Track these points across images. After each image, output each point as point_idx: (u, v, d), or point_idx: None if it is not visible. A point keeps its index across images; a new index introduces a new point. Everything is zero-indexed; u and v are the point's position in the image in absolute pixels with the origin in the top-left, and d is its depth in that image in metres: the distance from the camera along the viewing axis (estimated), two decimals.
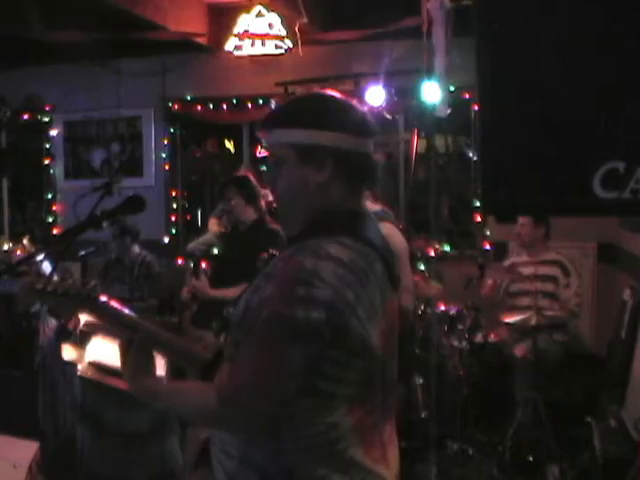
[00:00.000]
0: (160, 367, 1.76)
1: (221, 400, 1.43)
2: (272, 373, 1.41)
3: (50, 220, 7.16)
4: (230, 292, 3.74)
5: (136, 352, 1.64)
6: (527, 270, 4.84)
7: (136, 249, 5.32)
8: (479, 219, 5.91)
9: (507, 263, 5.09)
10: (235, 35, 5.96)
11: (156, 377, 1.64)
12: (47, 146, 7.16)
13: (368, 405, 1.52)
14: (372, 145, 1.58)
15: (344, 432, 1.47)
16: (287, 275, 1.42)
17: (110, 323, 1.75)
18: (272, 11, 6.02)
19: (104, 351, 3.17)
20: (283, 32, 6.06)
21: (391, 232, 2.91)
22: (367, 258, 1.50)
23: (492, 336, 4.79)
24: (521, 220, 4.74)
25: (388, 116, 6.02)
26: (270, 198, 5.96)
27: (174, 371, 1.76)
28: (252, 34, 5.93)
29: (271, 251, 2.73)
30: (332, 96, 1.62)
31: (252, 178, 4.30)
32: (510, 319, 4.39)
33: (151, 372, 1.64)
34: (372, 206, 3.03)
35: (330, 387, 1.44)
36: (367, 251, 1.51)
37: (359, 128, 1.55)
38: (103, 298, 1.75)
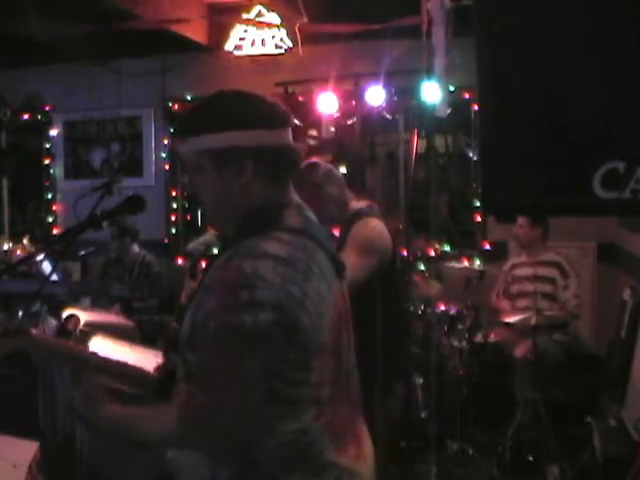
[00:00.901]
0: (150, 364, 1.76)
1: (182, 421, 1.39)
2: (230, 386, 1.36)
3: (50, 220, 7.15)
4: None
5: (86, 383, 1.57)
6: (526, 271, 4.84)
7: (135, 249, 5.32)
8: (479, 219, 5.90)
9: (508, 265, 5.09)
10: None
11: (112, 405, 1.55)
12: (47, 146, 7.16)
13: (335, 403, 1.48)
14: (289, 134, 1.52)
15: (315, 436, 1.43)
16: (227, 282, 1.37)
17: (50, 354, 1.72)
18: (272, 11, 6.02)
19: (104, 351, 3.17)
20: (283, 32, 6.06)
21: (378, 227, 2.87)
22: (306, 250, 1.44)
23: (492, 336, 4.79)
24: (519, 220, 4.74)
25: (388, 116, 6.02)
26: None
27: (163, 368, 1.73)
28: (257, 22, 5.89)
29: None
30: (237, 93, 1.57)
31: None
32: (510, 319, 4.40)
33: (105, 401, 1.55)
34: (356, 204, 2.99)
35: (291, 391, 1.40)
36: (304, 242, 1.46)
37: (271, 121, 1.49)
38: (34, 331, 1.72)
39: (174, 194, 6.90)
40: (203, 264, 6.03)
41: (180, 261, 6.55)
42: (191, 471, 1.51)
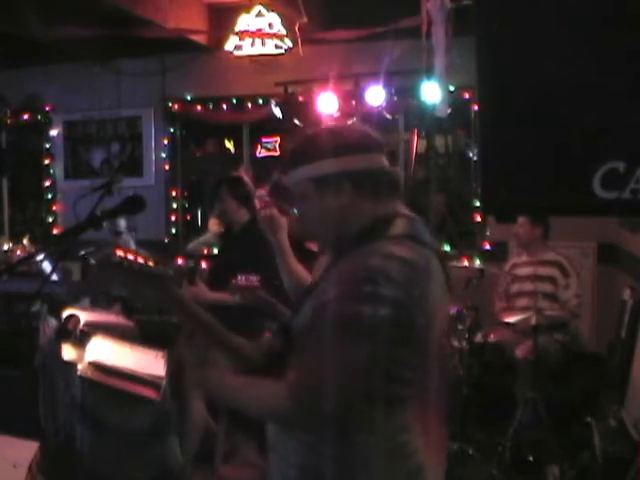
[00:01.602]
0: (160, 367, 1.77)
1: (292, 398, 1.44)
2: (341, 372, 1.42)
3: (50, 220, 7.16)
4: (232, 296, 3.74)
5: (199, 344, 1.68)
6: (526, 270, 4.84)
7: (132, 244, 5.33)
8: (479, 219, 5.90)
9: (508, 265, 5.09)
10: (236, 33, 5.95)
11: (219, 370, 1.65)
12: (47, 146, 7.16)
13: (431, 406, 1.54)
14: (382, 157, 1.65)
15: (411, 435, 1.49)
16: (353, 275, 1.46)
17: (174, 307, 1.77)
18: (272, 11, 6.02)
19: (104, 351, 3.17)
20: (283, 32, 6.06)
21: None
22: (425, 255, 1.54)
23: (492, 336, 4.79)
24: (519, 220, 4.74)
25: (388, 116, 6.02)
26: (267, 199, 5.96)
27: (172, 373, 1.76)
28: (252, 32, 5.92)
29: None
30: (332, 126, 1.77)
31: (245, 178, 4.28)
32: (510, 319, 4.40)
33: (213, 364, 1.67)
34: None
35: (397, 388, 1.46)
36: (424, 251, 1.55)
37: (363, 146, 1.61)
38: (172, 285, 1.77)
39: (174, 194, 6.91)
40: (203, 264, 6.05)
41: (180, 261, 6.55)
42: (285, 458, 1.58)
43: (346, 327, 1.41)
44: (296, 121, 6.04)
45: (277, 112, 5.89)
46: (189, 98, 6.67)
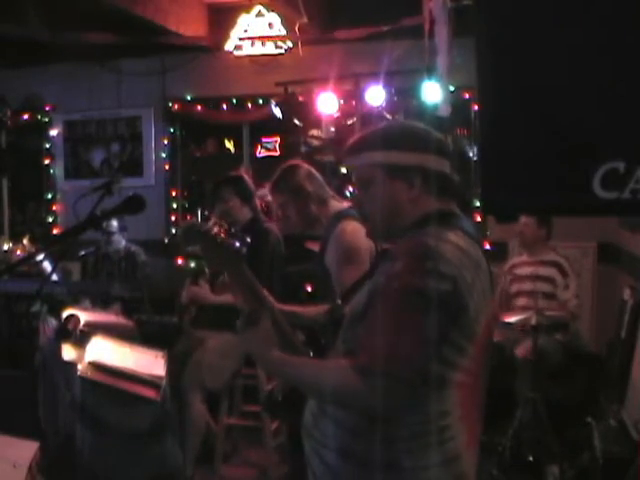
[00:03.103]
0: (160, 367, 1.77)
1: (362, 372, 1.44)
2: (410, 340, 1.43)
3: (50, 220, 7.15)
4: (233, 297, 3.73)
5: (264, 325, 1.70)
6: (526, 270, 4.84)
7: (122, 242, 5.34)
8: (479, 219, 5.90)
9: (507, 265, 5.09)
10: (240, 39, 5.96)
11: (284, 352, 1.67)
12: (47, 146, 7.16)
13: (472, 396, 1.56)
14: (449, 165, 1.70)
15: (452, 421, 1.51)
16: (413, 252, 1.51)
17: (241, 289, 1.85)
18: (272, 11, 6.02)
19: (104, 351, 3.17)
20: (283, 32, 6.06)
21: (355, 229, 2.86)
22: (475, 250, 1.58)
23: None
24: (524, 219, 4.74)
25: (388, 116, 6.01)
26: (268, 198, 5.92)
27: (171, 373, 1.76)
28: (252, 37, 5.93)
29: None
30: (412, 123, 1.77)
31: (246, 177, 4.27)
32: (510, 319, 4.40)
33: (276, 345, 1.67)
34: (337, 205, 3.01)
35: (446, 370, 1.48)
36: (473, 243, 1.59)
37: (439, 150, 1.67)
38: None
39: (174, 194, 6.91)
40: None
41: (180, 261, 6.55)
42: (323, 443, 1.59)
43: (411, 298, 1.45)
44: (296, 121, 6.05)
45: (277, 112, 5.89)
46: (189, 98, 6.67)
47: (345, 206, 2.99)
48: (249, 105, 6.50)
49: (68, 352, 3.21)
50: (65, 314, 3.29)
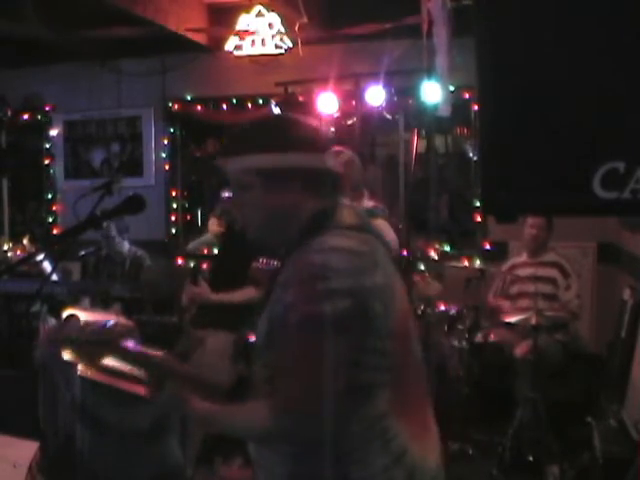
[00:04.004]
0: None
1: (275, 412, 1.43)
2: (318, 373, 1.41)
3: (50, 220, 7.15)
4: (236, 296, 3.75)
5: (171, 386, 1.65)
6: (527, 271, 4.84)
7: (126, 245, 5.34)
8: (479, 219, 5.90)
9: (507, 265, 5.09)
10: (236, 33, 5.95)
11: (201, 402, 1.59)
12: (47, 146, 7.15)
13: (405, 388, 1.54)
14: (330, 156, 1.62)
15: (390, 420, 1.49)
16: (302, 276, 1.44)
17: (134, 365, 1.79)
18: (272, 11, 6.02)
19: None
20: (283, 32, 6.05)
21: (383, 228, 2.93)
22: (369, 243, 1.53)
23: (492, 336, 4.79)
24: (532, 221, 4.75)
25: (388, 116, 6.02)
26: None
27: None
28: (253, 32, 5.92)
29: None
30: (285, 117, 1.67)
31: None
32: (510, 319, 4.40)
33: (194, 399, 1.59)
34: (367, 203, 3.07)
35: (369, 376, 1.46)
36: (367, 237, 1.54)
37: (314, 145, 1.59)
38: (126, 343, 1.82)
39: (174, 194, 6.90)
40: (204, 266, 6.04)
41: (180, 261, 6.55)
42: (271, 472, 1.56)
43: (311, 328, 1.41)
44: None
45: (277, 112, 5.89)
46: (189, 98, 6.67)
47: (371, 205, 3.05)
48: (249, 105, 6.50)
49: (68, 352, 3.20)
50: (65, 314, 3.28)
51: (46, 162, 7.16)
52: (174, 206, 6.90)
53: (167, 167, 6.87)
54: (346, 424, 1.45)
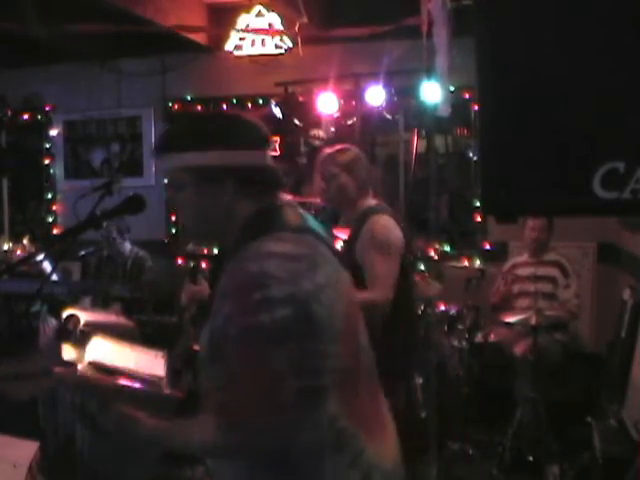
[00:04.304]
0: (160, 368, 1.76)
1: (222, 428, 1.40)
2: (262, 386, 1.38)
3: (50, 220, 7.15)
4: None
5: (116, 408, 1.56)
6: (527, 271, 4.84)
7: (128, 245, 5.34)
8: (479, 219, 5.90)
9: (508, 265, 5.09)
10: (238, 30, 5.95)
11: (147, 421, 1.52)
12: (47, 146, 7.16)
13: (357, 388, 1.51)
14: (269, 154, 1.57)
15: (343, 422, 1.45)
16: (239, 286, 1.40)
17: (74, 388, 1.74)
18: (272, 11, 6.02)
19: (104, 351, 3.17)
20: (283, 32, 6.05)
21: (388, 224, 2.93)
22: (309, 244, 1.49)
23: (492, 336, 4.79)
24: (533, 224, 4.75)
25: (388, 116, 6.02)
26: None
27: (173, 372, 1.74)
28: (254, 29, 5.92)
29: None
30: (221, 113, 1.64)
31: None
32: (510, 319, 4.40)
33: (140, 418, 1.52)
34: (371, 201, 3.07)
35: (316, 381, 1.42)
36: (306, 237, 1.50)
37: (252, 142, 1.54)
38: (58, 370, 1.77)
39: None
40: (204, 265, 6.04)
41: (180, 261, 6.55)
42: None
43: (251, 341, 1.37)
44: (296, 121, 6.05)
45: (277, 112, 5.89)
46: (189, 98, 6.67)
47: (374, 202, 3.06)
48: (249, 105, 6.50)
49: (68, 352, 3.20)
50: (65, 314, 3.28)
51: (46, 162, 7.16)
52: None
53: None
54: (297, 431, 1.42)
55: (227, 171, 1.50)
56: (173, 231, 6.89)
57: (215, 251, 5.88)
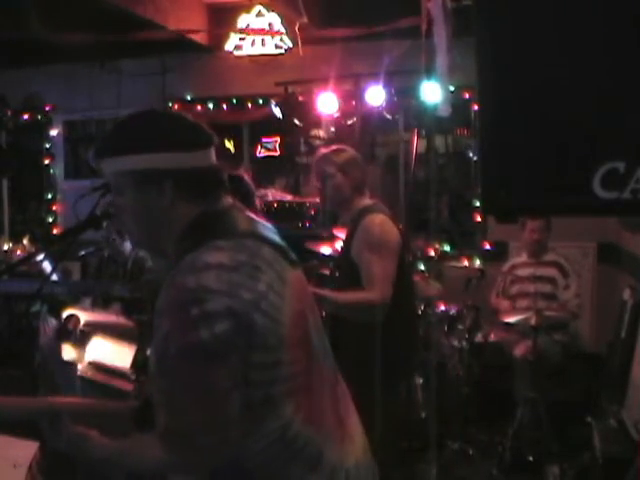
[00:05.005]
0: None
1: (167, 448, 1.38)
2: (205, 403, 1.35)
3: (50, 220, 7.16)
4: None
5: (65, 428, 1.50)
6: (527, 271, 4.84)
7: (128, 246, 5.34)
8: (479, 219, 5.91)
9: (507, 266, 5.09)
10: (238, 30, 5.95)
11: (100, 441, 1.48)
12: (47, 146, 7.16)
13: (312, 392, 1.48)
14: (211, 154, 1.52)
15: (297, 429, 1.42)
16: (175, 302, 1.36)
17: (19, 415, 1.69)
18: (272, 11, 6.02)
19: (104, 351, 3.17)
20: (283, 32, 6.06)
21: (384, 223, 2.92)
22: (248, 250, 1.43)
23: (492, 336, 4.79)
24: (532, 225, 4.75)
25: (388, 116, 6.02)
26: (270, 198, 5.92)
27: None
28: (254, 29, 5.92)
29: None
30: (159, 114, 1.58)
31: (246, 177, 4.28)
32: (510, 319, 4.40)
33: (92, 438, 1.48)
34: (367, 200, 3.06)
35: (264, 391, 1.38)
36: (245, 243, 1.44)
37: (191, 142, 1.48)
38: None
39: None
40: None
41: None
42: None
43: (192, 358, 1.33)
44: (296, 121, 6.05)
45: (277, 112, 5.89)
46: (189, 98, 6.67)
47: (370, 202, 3.05)
48: (249, 105, 6.50)
49: (68, 352, 3.21)
50: (65, 314, 3.29)
51: (46, 162, 7.16)
52: None
53: None
54: (250, 442, 1.39)
55: (164, 174, 1.44)
56: None
57: None
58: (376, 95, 5.59)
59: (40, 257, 4.46)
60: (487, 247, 5.92)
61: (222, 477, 1.43)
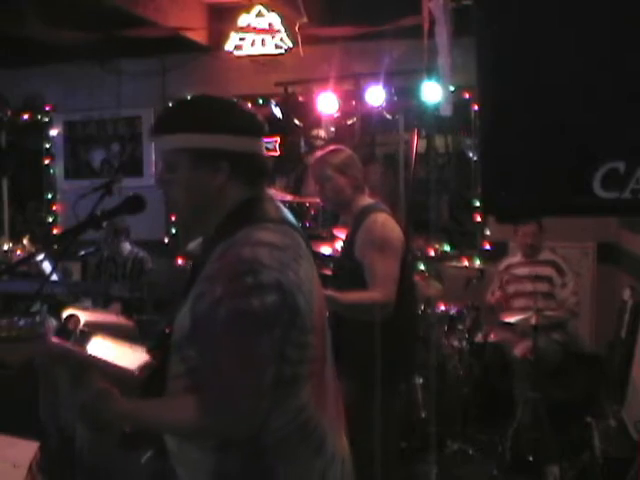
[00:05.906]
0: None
1: (204, 409, 1.40)
2: (248, 369, 1.40)
3: (50, 220, 7.15)
4: None
5: (90, 382, 1.54)
6: (523, 271, 4.84)
7: (127, 246, 5.33)
8: (479, 219, 5.90)
9: (503, 265, 5.08)
10: (238, 30, 5.95)
11: (122, 400, 1.52)
12: (47, 146, 7.15)
13: (323, 379, 1.55)
14: (263, 144, 1.63)
15: (311, 411, 1.49)
16: (230, 270, 1.41)
17: (60, 360, 1.69)
18: (272, 11, 6.02)
19: (104, 351, 3.17)
20: (283, 32, 6.05)
21: (386, 222, 2.91)
22: (292, 237, 1.53)
23: (492, 336, 4.79)
24: (525, 229, 4.75)
25: (388, 116, 6.02)
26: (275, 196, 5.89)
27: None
28: (254, 28, 5.92)
29: None
30: (220, 98, 1.63)
31: None
32: (510, 319, 4.40)
33: (115, 395, 1.53)
34: (367, 200, 3.06)
35: (293, 369, 1.46)
36: (288, 230, 1.54)
37: (250, 129, 1.59)
38: (52, 338, 1.73)
39: None
40: None
41: (180, 261, 6.54)
42: (193, 468, 1.53)
43: (241, 323, 1.39)
44: (296, 121, 6.05)
45: (277, 112, 5.89)
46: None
47: (372, 201, 3.05)
48: (249, 105, 6.49)
49: None
50: (65, 314, 3.29)
51: (46, 162, 7.15)
52: None
53: None
54: (269, 418, 1.44)
55: (222, 155, 1.52)
56: (173, 231, 6.89)
57: None
58: (376, 95, 5.59)
59: (40, 257, 4.46)
60: (487, 247, 5.92)
61: (236, 453, 1.46)
